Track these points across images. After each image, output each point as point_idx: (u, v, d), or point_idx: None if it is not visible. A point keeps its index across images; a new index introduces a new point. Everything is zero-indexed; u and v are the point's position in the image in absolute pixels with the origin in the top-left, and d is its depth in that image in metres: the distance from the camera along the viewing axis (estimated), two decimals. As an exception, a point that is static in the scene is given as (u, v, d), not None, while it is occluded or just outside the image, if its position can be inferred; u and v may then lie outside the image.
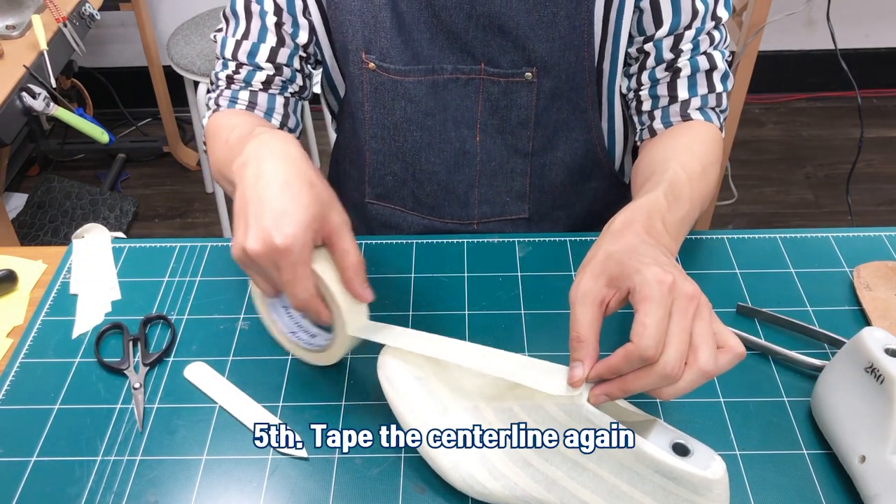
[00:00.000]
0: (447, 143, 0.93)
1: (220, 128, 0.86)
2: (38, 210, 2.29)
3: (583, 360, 0.58)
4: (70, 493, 0.67)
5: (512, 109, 0.90)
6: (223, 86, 0.90)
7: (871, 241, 0.90)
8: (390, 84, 0.89)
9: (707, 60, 0.86)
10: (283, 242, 0.60)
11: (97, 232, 0.92)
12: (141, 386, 0.76)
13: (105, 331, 0.81)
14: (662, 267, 0.58)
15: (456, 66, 0.88)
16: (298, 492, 0.67)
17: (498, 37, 0.85)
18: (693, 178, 0.76)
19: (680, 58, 0.86)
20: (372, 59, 0.89)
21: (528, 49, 0.85)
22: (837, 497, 0.66)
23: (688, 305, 0.56)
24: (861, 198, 2.33)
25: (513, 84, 0.88)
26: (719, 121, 0.89)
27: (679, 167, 0.76)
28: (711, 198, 0.82)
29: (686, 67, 0.86)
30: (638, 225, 0.64)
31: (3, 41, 1.59)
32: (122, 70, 2.65)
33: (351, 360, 0.78)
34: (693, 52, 0.85)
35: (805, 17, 2.55)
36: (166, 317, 0.82)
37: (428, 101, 0.90)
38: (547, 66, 0.87)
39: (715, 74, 0.87)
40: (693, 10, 0.84)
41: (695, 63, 0.86)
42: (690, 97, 0.87)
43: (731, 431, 0.71)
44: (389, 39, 0.87)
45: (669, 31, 0.85)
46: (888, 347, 0.64)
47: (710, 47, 0.86)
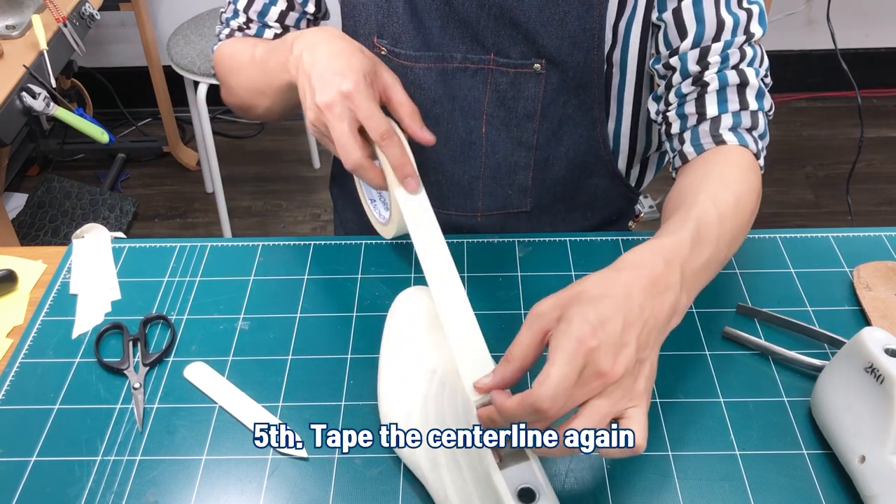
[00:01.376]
0: (454, 133, 0.93)
1: (235, 52, 0.94)
2: (38, 210, 2.29)
3: (496, 376, 0.58)
4: (70, 493, 0.67)
5: (519, 101, 0.90)
6: (234, 30, 0.97)
7: (871, 241, 0.90)
8: (400, 70, 0.90)
9: (738, 75, 0.80)
10: (347, 87, 0.71)
11: (97, 232, 0.92)
12: (141, 386, 0.76)
13: (105, 331, 0.81)
14: (599, 329, 0.55)
15: (466, 56, 0.88)
16: (298, 492, 0.67)
17: (509, 28, 0.86)
18: (724, 215, 0.69)
19: (707, 71, 0.81)
20: (384, 43, 0.90)
21: (537, 43, 0.86)
22: (837, 497, 0.66)
23: (593, 381, 0.54)
24: (861, 198, 2.33)
25: (521, 75, 0.88)
26: (756, 147, 0.80)
27: (710, 202, 0.69)
28: (746, 233, 0.75)
29: (714, 81, 0.80)
30: (644, 271, 0.59)
31: (3, 41, 1.59)
32: (122, 70, 2.65)
33: (351, 360, 0.78)
34: (721, 65, 0.80)
35: (805, 17, 2.55)
36: (166, 317, 0.82)
37: (437, 88, 0.91)
38: (556, 61, 0.87)
39: (748, 91, 0.81)
40: (718, 21, 0.80)
41: (723, 77, 0.80)
42: (720, 114, 0.81)
43: (731, 431, 0.71)
44: (402, 25, 0.88)
45: (694, 44, 0.81)
46: (888, 347, 0.64)
47: (743, 63, 0.81)
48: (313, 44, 0.76)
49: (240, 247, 0.91)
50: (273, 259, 0.89)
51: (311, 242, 0.91)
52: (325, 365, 0.77)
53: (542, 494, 0.59)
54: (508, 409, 0.55)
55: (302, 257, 0.89)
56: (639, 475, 0.67)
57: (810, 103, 2.74)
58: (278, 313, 0.83)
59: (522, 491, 0.59)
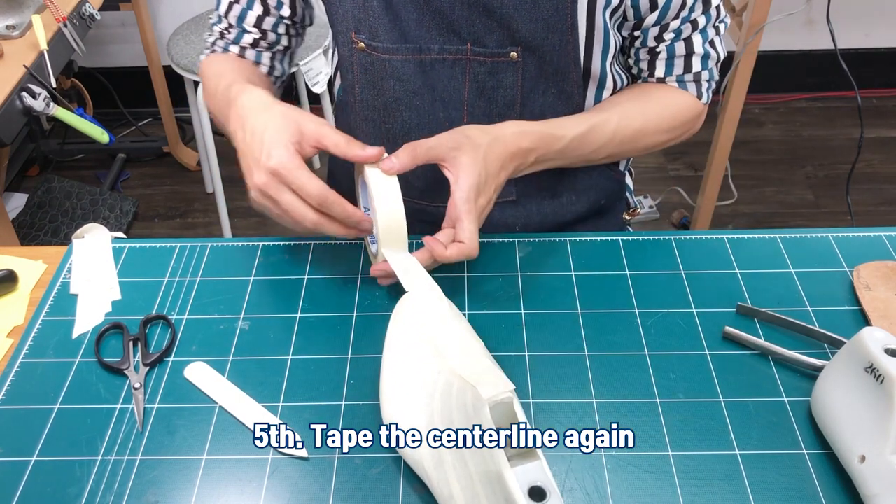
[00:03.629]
0: (436, 124, 0.94)
1: (208, 76, 0.98)
2: (38, 210, 2.29)
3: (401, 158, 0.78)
4: (70, 493, 0.67)
5: (498, 90, 0.91)
6: (217, 36, 1.00)
7: (871, 241, 0.90)
8: (379, 63, 0.91)
9: (685, 46, 0.92)
10: (274, 164, 0.73)
11: (97, 232, 0.93)
12: (141, 386, 0.76)
13: (105, 331, 0.81)
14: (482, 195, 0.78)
15: (443, 47, 0.89)
16: (298, 492, 0.67)
17: (483, 16, 0.87)
18: (620, 136, 0.91)
19: (660, 44, 0.93)
20: (362, 38, 0.91)
21: (512, 28, 0.87)
22: (837, 497, 0.66)
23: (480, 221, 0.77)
24: (861, 198, 2.33)
25: (498, 64, 0.90)
26: (698, 89, 0.96)
27: (616, 119, 0.90)
28: (635, 155, 0.99)
29: (664, 52, 0.93)
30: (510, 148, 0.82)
31: (3, 41, 1.59)
32: (122, 70, 2.65)
33: (351, 360, 0.78)
34: (674, 39, 0.92)
35: (805, 17, 2.55)
36: (166, 317, 0.82)
37: (416, 80, 0.91)
38: (531, 46, 0.88)
39: (693, 58, 0.93)
40: (682, 2, 0.88)
41: (671, 49, 0.93)
42: (666, 76, 0.95)
43: (731, 431, 0.71)
44: (378, 19, 0.89)
45: (658, 20, 0.90)
46: (888, 347, 0.64)
47: (695, 33, 0.92)
48: (243, 117, 0.79)
49: (240, 247, 0.91)
50: (273, 259, 0.89)
51: (311, 242, 0.91)
52: (325, 365, 0.77)
53: (552, 493, 0.59)
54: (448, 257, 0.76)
55: (302, 257, 0.89)
56: (639, 475, 0.67)
57: (810, 103, 2.74)
58: (278, 313, 0.83)
59: (533, 490, 0.59)
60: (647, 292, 0.84)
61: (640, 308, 0.82)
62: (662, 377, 0.75)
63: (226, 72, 0.94)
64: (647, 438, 0.70)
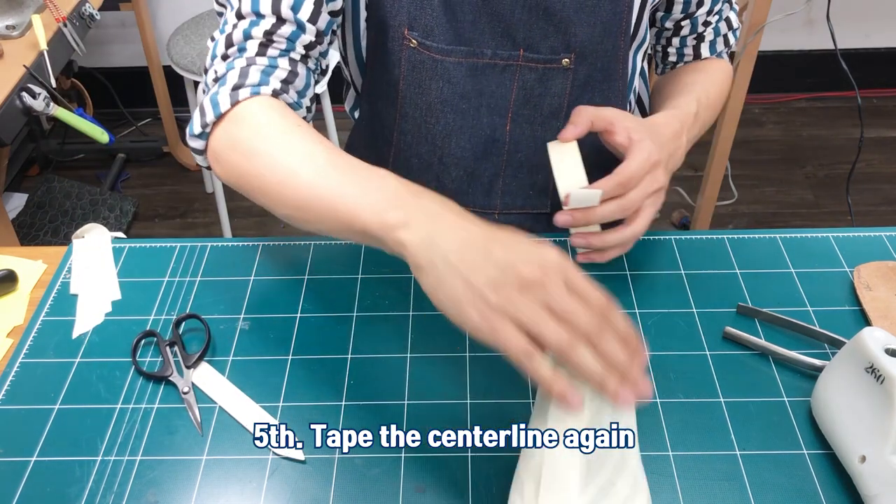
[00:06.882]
0: (478, 129, 0.93)
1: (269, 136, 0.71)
2: (38, 210, 2.29)
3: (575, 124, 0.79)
4: (70, 493, 0.67)
5: (545, 98, 0.91)
6: (253, 51, 0.77)
7: (871, 241, 0.90)
8: (430, 63, 0.89)
9: (726, 24, 1.00)
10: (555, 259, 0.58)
11: (97, 232, 0.92)
12: (190, 390, 0.75)
13: (139, 340, 0.79)
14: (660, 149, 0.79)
15: (496, 52, 0.89)
16: (298, 492, 0.67)
17: (542, 20, 0.86)
18: (711, 101, 0.96)
19: (707, 28, 0.99)
20: (414, 35, 0.88)
21: (569, 33, 0.87)
22: (837, 497, 0.66)
23: (653, 185, 0.78)
24: (861, 198, 2.33)
25: (549, 71, 0.90)
26: (727, 57, 1.06)
27: (703, 91, 0.95)
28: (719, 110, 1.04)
29: (710, 34, 1.00)
30: (671, 128, 0.85)
31: (3, 41, 1.59)
32: (122, 70, 2.65)
33: (351, 360, 0.78)
34: (717, 21, 0.99)
35: (805, 17, 2.55)
36: (199, 316, 0.81)
37: (465, 83, 0.91)
38: (585, 53, 0.89)
39: (730, 35, 1.02)
40: None
41: (717, 29, 1.00)
42: (711, 55, 1.02)
43: (731, 431, 0.71)
44: (434, 17, 0.87)
45: (710, 8, 0.96)
46: (888, 347, 0.64)
47: (730, 9, 1.00)
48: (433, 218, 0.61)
49: (240, 247, 0.91)
50: (273, 259, 0.89)
51: (311, 242, 0.91)
52: (325, 365, 0.77)
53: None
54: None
55: (302, 257, 0.89)
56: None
57: (810, 103, 2.74)
58: (278, 313, 0.83)
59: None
60: (648, 292, 0.84)
61: (640, 308, 0.82)
62: (663, 377, 0.75)
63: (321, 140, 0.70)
64: (647, 438, 0.70)
